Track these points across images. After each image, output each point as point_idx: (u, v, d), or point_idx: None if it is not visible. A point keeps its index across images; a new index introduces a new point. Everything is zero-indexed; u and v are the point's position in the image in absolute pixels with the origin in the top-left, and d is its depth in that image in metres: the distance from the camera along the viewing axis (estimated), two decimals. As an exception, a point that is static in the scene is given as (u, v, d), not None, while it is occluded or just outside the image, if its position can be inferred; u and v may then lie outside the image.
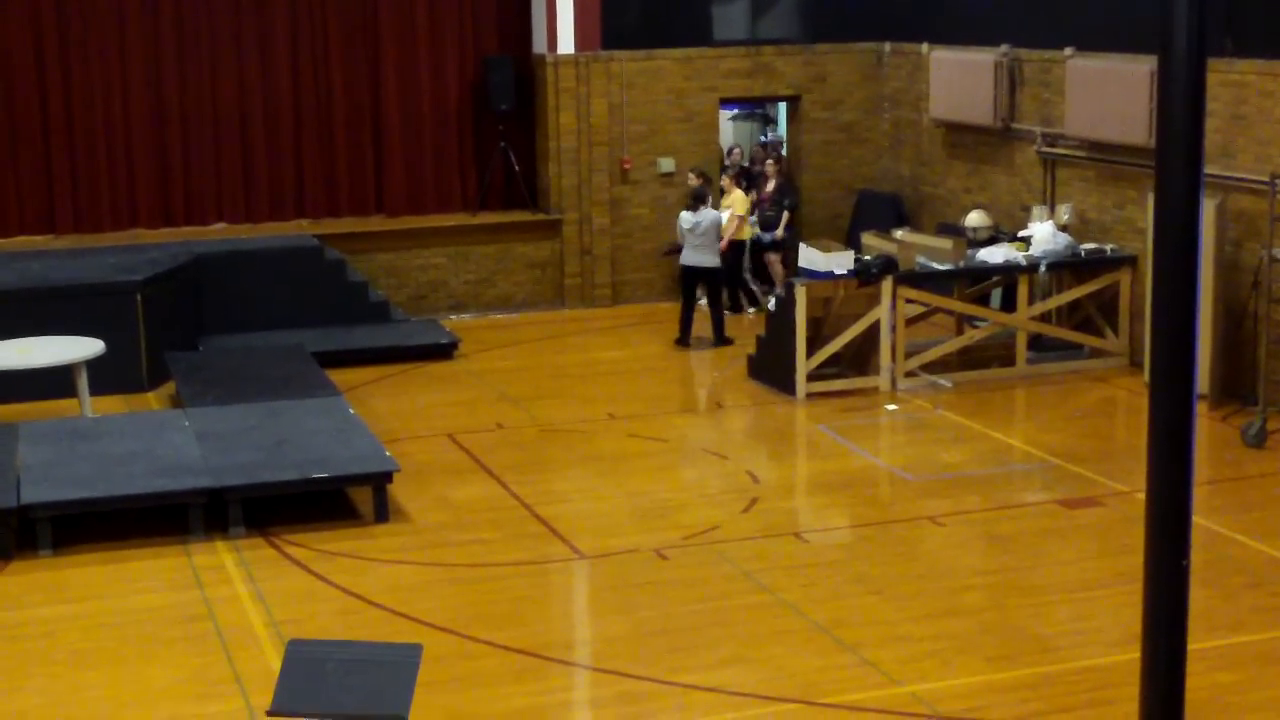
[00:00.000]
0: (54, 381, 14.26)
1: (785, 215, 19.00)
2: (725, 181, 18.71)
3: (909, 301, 15.54)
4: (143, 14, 18.72)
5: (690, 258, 17.30)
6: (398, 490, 12.21)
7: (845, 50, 20.36)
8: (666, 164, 19.73)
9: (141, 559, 11.23)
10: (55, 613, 10.33)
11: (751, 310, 18.85)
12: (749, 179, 19.68)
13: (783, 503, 12.50)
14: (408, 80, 19.62)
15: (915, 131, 19.80)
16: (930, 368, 15.60)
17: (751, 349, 16.02)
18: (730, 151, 20.92)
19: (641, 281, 19.34)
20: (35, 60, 18.45)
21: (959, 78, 18.34)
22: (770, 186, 19.16)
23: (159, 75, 18.86)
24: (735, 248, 18.34)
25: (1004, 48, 17.68)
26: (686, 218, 17.43)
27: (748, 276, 18.99)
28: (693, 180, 18.41)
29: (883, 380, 15.32)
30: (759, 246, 19.02)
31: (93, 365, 14.15)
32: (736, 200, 18.27)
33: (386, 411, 14.95)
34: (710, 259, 17.26)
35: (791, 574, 10.73)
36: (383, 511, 11.92)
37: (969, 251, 16.01)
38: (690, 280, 17.42)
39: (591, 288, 19.47)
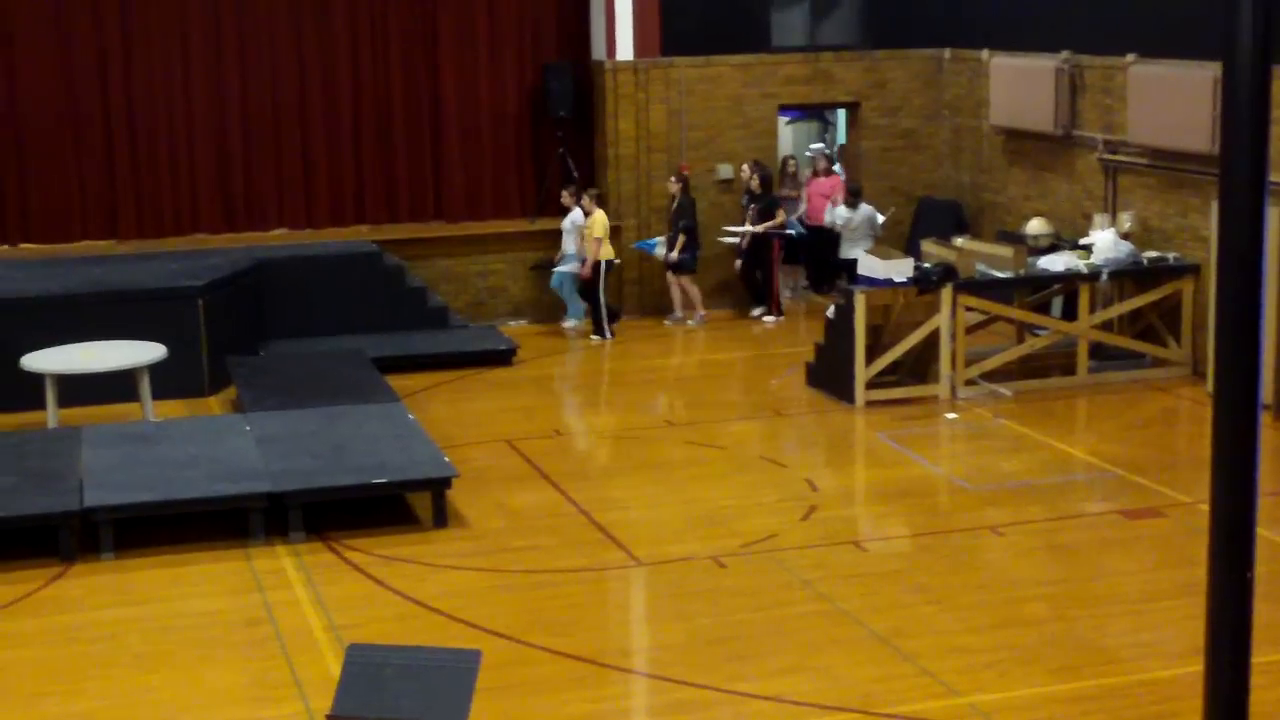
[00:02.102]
0: (117, 386, 14.39)
1: (680, 238, 18.62)
2: (585, 201, 18.24)
3: (969, 309, 15.46)
4: (205, 21, 18.86)
5: (849, 252, 17.46)
6: (456, 496, 12.25)
7: (905, 56, 20.29)
8: (725, 170, 19.71)
9: (202, 563, 11.31)
10: (117, 615, 10.40)
11: (598, 339, 18.40)
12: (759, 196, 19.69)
13: (841, 511, 12.45)
14: (467, 87, 19.68)
15: (975, 138, 19.71)
16: (990, 376, 15.51)
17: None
18: (785, 161, 20.89)
19: (700, 289, 19.28)
20: (98, 67, 18.62)
21: (1020, 84, 18.24)
22: (674, 205, 18.83)
23: (221, 82, 19.00)
24: (596, 268, 18.18)
25: (1065, 54, 17.57)
26: (841, 212, 18.04)
27: (603, 298, 18.35)
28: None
29: (942, 388, 15.25)
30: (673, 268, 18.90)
31: (155, 370, 14.27)
32: (595, 222, 18.10)
33: (445, 417, 14.99)
34: (865, 249, 17.38)
35: (850, 583, 10.69)
36: (441, 517, 11.96)
37: (1029, 259, 15.91)
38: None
39: (650, 294, 19.44)
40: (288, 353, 16.62)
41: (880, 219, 18.68)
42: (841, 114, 21.71)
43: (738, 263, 19.10)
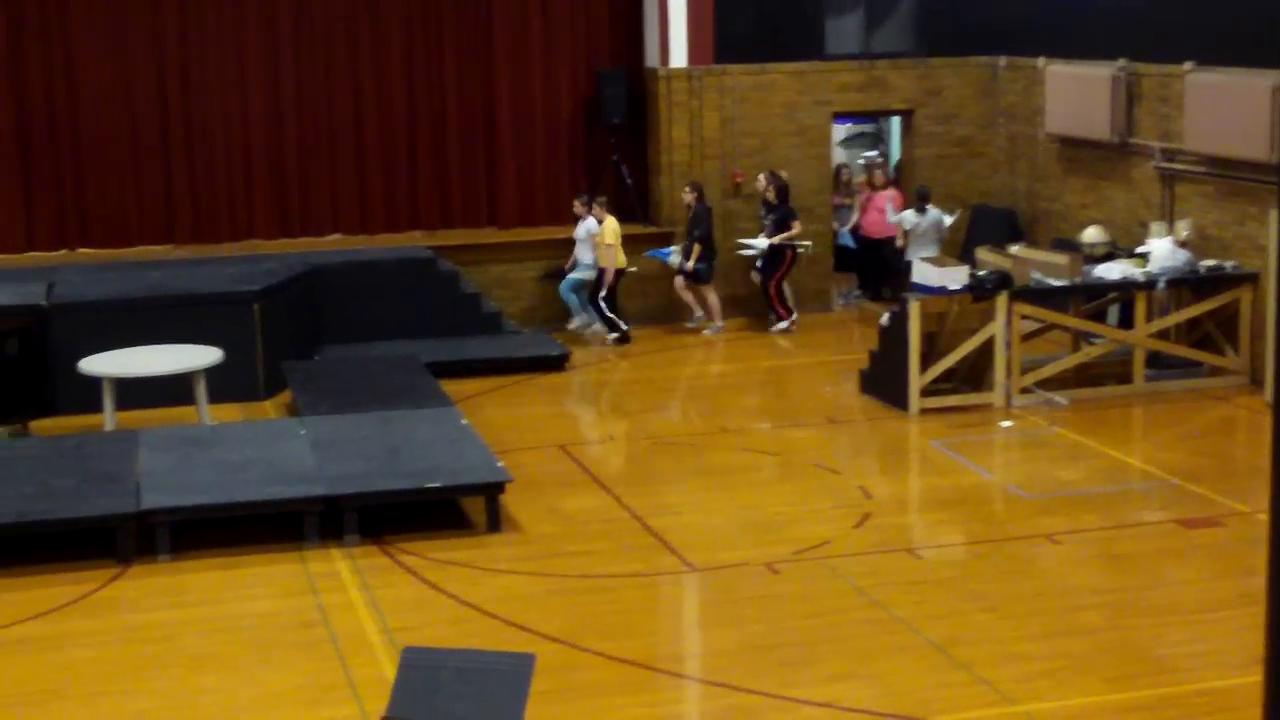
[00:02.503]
0: (173, 389, 14.48)
1: (696, 247, 18.58)
2: (597, 209, 18.26)
3: (1024, 317, 15.38)
4: (261, 28, 19.00)
5: (915, 255, 17.43)
6: (510, 500, 12.26)
7: (960, 64, 20.22)
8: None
9: (258, 565, 11.37)
10: (173, 616, 10.47)
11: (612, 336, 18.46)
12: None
13: (895, 518, 12.40)
14: (521, 93, 19.74)
15: (1031, 146, 19.62)
16: (1046, 384, 15.42)
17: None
18: (839, 170, 20.86)
19: (752, 296, 19.27)
20: (156, 74, 18.78)
21: (1076, 92, 18.15)
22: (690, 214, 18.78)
23: (277, 88, 19.13)
24: (602, 275, 18.23)
25: (1121, 62, 17.47)
26: (909, 216, 18.26)
27: (603, 305, 18.37)
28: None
29: (997, 396, 15.18)
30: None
31: (211, 373, 14.36)
32: (607, 229, 18.10)
33: (498, 422, 15.02)
34: (931, 253, 17.66)
35: (904, 590, 10.64)
36: (495, 521, 11.98)
37: (1085, 267, 15.82)
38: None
39: (701, 300, 19.40)
40: (342, 357, 16.71)
41: (947, 221, 18.68)
42: (895, 122, 21.64)
43: (755, 275, 19.01)
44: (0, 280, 16.74)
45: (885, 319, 15.62)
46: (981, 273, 15.35)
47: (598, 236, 18.13)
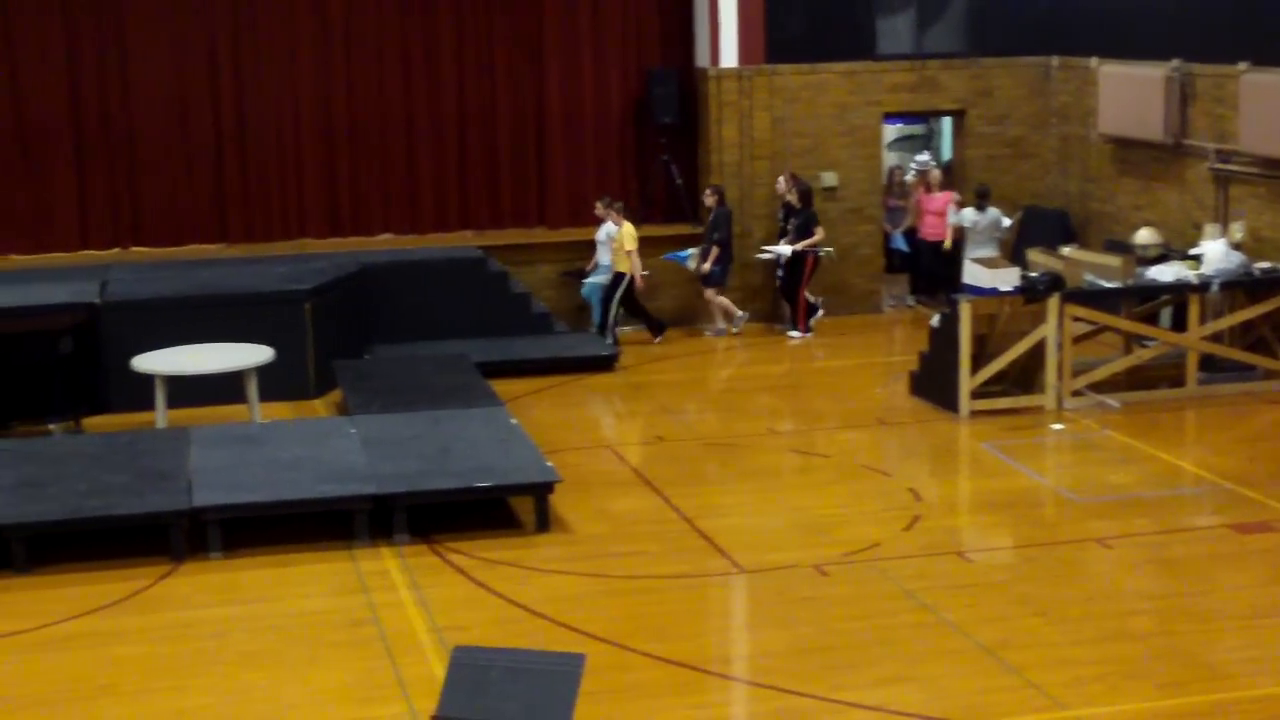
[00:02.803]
0: (225, 387, 14.56)
1: (714, 250, 18.54)
2: (614, 214, 18.19)
3: (1076, 319, 15.28)
4: (313, 28, 19.08)
5: (974, 254, 17.51)
6: (558, 501, 12.27)
7: (1012, 64, 20.13)
8: (829, 178, 19.63)
9: (308, 563, 11.42)
10: (224, 614, 10.53)
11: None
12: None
13: (945, 521, 12.35)
14: (571, 93, 19.76)
15: (1083, 147, 19.52)
16: (1097, 387, 15.33)
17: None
18: (891, 171, 20.79)
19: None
20: (209, 75, 18.89)
21: (1129, 93, 18.04)
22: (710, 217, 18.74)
23: (328, 88, 19.21)
24: (616, 278, 18.19)
25: (1175, 62, 17.35)
26: (969, 214, 18.34)
27: (614, 307, 18.29)
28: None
29: (1048, 399, 15.09)
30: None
31: (262, 372, 14.43)
32: (626, 234, 18.04)
33: (548, 422, 15.04)
34: (989, 252, 17.80)
35: (954, 593, 10.60)
36: (544, 521, 12.00)
37: (1138, 269, 15.72)
38: None
39: (750, 301, 19.40)
40: (392, 356, 16.77)
41: (1006, 223, 18.66)
42: (946, 123, 21.55)
43: (778, 279, 18.95)
44: (55, 279, 16.90)
45: (936, 320, 15.56)
46: (1033, 274, 15.27)
47: (616, 241, 18.12)
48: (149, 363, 14.23)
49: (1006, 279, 15.06)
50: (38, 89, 18.47)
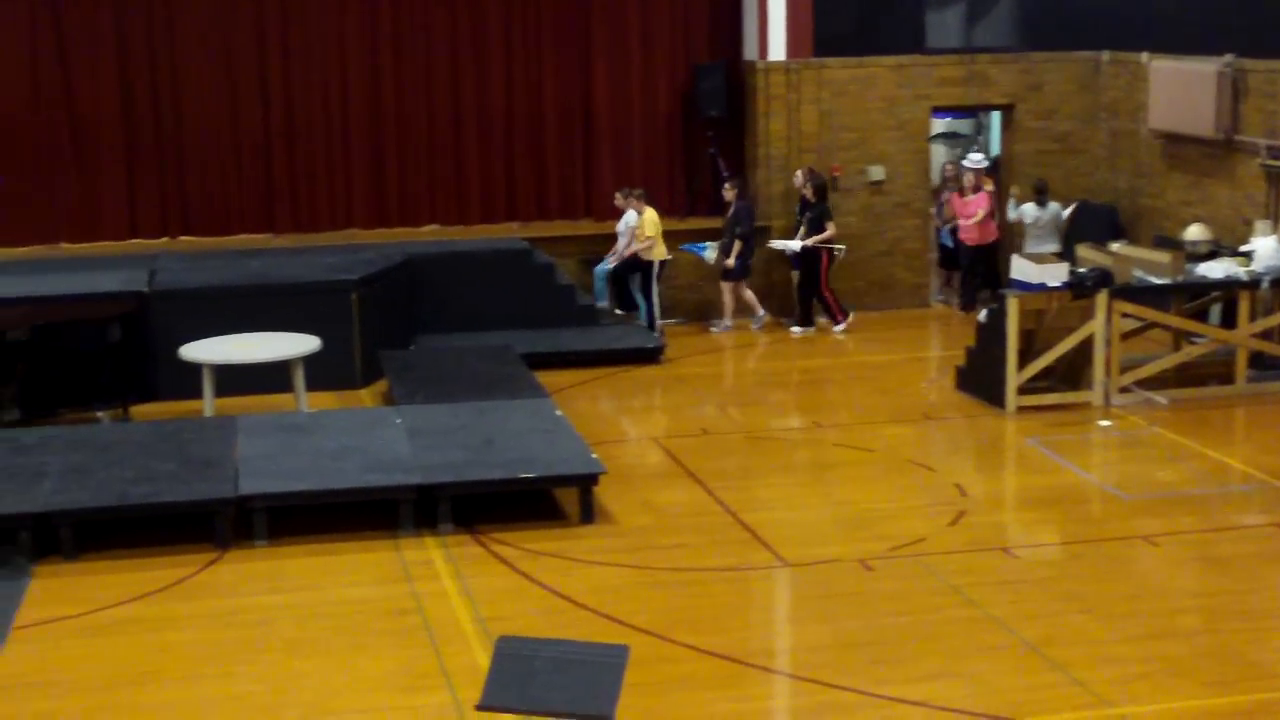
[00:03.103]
0: (272, 376, 14.62)
1: (736, 244, 18.45)
2: (634, 202, 18.18)
3: (1124, 316, 15.19)
4: (361, 21, 19.13)
5: (1036, 249, 17.62)
6: (603, 492, 12.29)
7: (1062, 59, 20.02)
8: (876, 172, 19.57)
9: (352, 552, 11.46)
10: (269, 601, 10.58)
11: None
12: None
13: (991, 517, 12.30)
14: (618, 86, 19.76)
15: (1133, 142, 19.39)
16: (1145, 384, 15.24)
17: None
18: (945, 167, 20.68)
19: (848, 290, 19.18)
20: (259, 67, 18.97)
21: (1180, 88, 17.91)
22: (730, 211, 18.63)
23: (376, 79, 19.26)
24: (631, 262, 18.21)
25: (1227, 57, 17.22)
26: (1030, 210, 18.49)
27: (636, 291, 18.38)
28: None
29: (1096, 395, 15.01)
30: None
31: (309, 361, 14.49)
32: (646, 221, 18.02)
33: (592, 414, 15.05)
34: (1052, 247, 18.02)
35: (999, 589, 10.56)
36: (588, 513, 12.01)
37: (1187, 266, 15.61)
38: None
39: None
40: (438, 347, 16.80)
41: (1064, 214, 18.62)
42: (996, 117, 21.44)
43: (794, 274, 18.92)
44: (105, 267, 17.01)
45: (983, 315, 15.49)
46: (1082, 270, 15.18)
47: (637, 229, 18.09)
48: (196, 351, 14.32)
49: (1055, 274, 14.98)
50: (89, 80, 18.58)
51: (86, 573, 11.11)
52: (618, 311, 18.54)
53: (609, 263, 18.46)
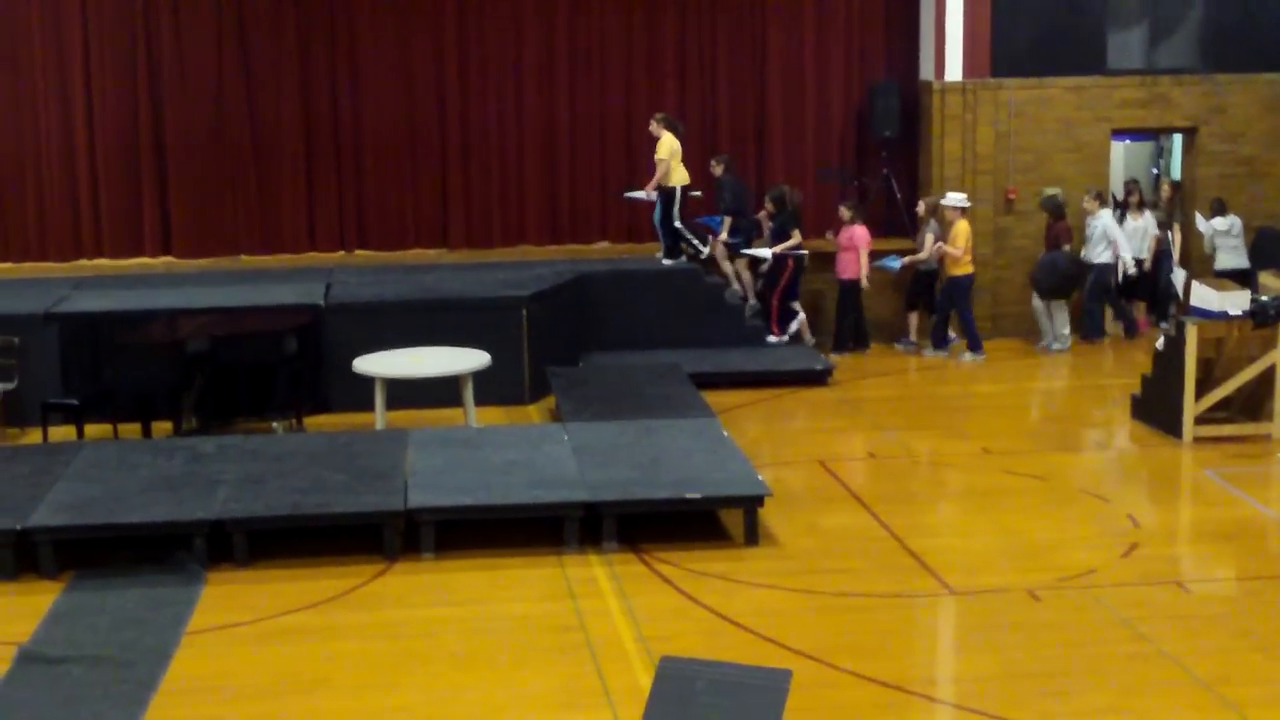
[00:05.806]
0: (442, 391, 14.80)
1: (727, 220, 18.13)
2: (654, 126, 17.95)
3: (1308, 345, 14.78)
4: (537, 39, 19.34)
5: (1227, 261, 17.57)
6: (767, 514, 12.23)
7: (1248, 81, 19.56)
8: (1052, 192, 19.25)
9: (517, 567, 11.53)
10: (435, 614, 10.68)
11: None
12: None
13: (1165, 549, 12.03)
14: (792, 105, 19.72)
15: (1320, 167, 18.88)
16: (1329, 416, 14.81)
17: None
18: (1127, 185, 20.29)
19: (1023, 315, 18.92)
20: (436, 85, 19.27)
21: (1371, 112, 17.39)
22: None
23: (550, 99, 19.43)
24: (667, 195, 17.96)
25: None
26: (1219, 223, 18.41)
27: (679, 227, 18.09)
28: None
29: (1276, 427, 14.61)
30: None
31: (478, 377, 14.63)
32: (663, 144, 17.78)
33: (759, 435, 15.00)
34: (1240, 260, 17.92)
35: (1172, 624, 10.31)
36: (753, 535, 11.95)
37: (1376, 295, 15.15)
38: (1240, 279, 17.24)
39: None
40: (606, 365, 16.87)
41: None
42: (1177, 140, 20.99)
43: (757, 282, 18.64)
44: (282, 279, 17.37)
45: (1160, 343, 15.17)
46: (1264, 298, 14.79)
47: (657, 154, 17.91)
48: (369, 364, 14.53)
49: (1236, 302, 14.61)
50: (272, 98, 19.03)
51: (258, 580, 11.32)
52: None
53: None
